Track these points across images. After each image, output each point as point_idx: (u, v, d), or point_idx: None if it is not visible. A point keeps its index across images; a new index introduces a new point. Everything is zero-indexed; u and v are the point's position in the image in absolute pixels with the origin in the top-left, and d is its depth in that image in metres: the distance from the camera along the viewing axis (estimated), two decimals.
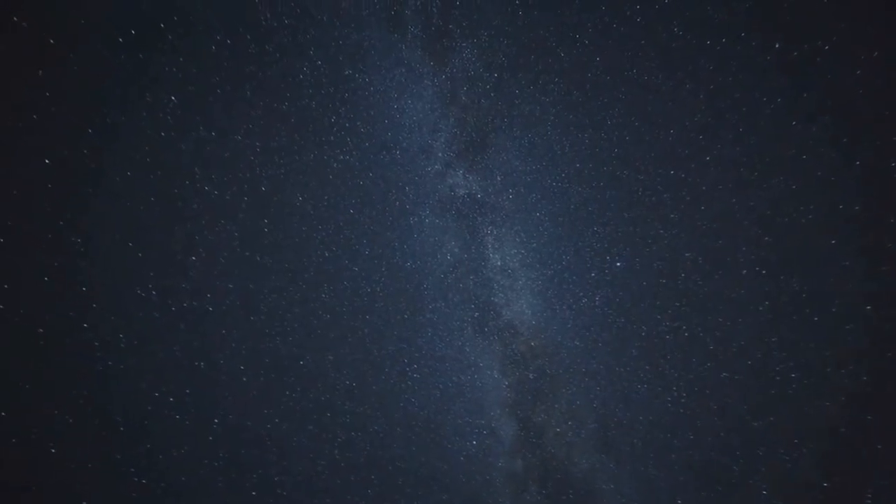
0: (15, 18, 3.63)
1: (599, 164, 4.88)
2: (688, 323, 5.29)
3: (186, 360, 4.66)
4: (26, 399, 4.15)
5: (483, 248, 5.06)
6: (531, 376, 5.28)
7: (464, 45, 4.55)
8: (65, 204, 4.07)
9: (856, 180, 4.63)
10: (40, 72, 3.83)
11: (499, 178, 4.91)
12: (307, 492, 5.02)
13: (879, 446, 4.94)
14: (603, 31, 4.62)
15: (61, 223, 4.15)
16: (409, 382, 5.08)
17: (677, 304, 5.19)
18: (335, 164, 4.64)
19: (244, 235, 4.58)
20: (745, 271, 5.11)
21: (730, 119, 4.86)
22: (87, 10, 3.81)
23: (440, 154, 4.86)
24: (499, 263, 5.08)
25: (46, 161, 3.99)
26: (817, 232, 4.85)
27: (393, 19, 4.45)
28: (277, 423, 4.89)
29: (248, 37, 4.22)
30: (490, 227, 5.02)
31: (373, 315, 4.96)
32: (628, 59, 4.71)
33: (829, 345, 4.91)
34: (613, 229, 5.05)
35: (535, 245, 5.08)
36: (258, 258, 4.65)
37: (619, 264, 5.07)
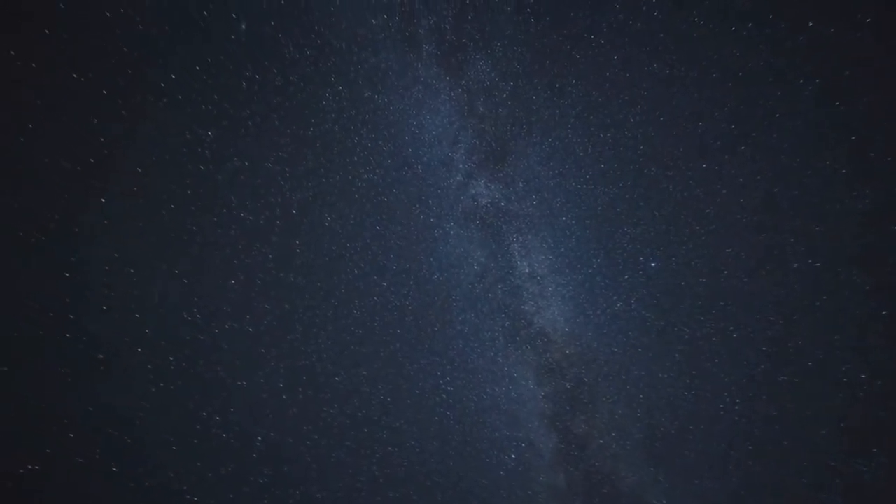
0: (74, 75, 4.05)
1: (625, 164, 4.75)
2: (735, 323, 4.96)
3: (230, 380, 4.86)
4: (87, 421, 4.45)
5: (510, 256, 5.01)
6: (568, 385, 5.11)
7: (478, 57, 4.62)
8: (122, 239, 4.41)
9: None
10: (95, 120, 4.22)
11: (521, 185, 4.88)
12: None
13: None
14: (619, 30, 4.56)
15: (116, 255, 4.49)
16: (443, 395, 5.05)
17: (721, 303, 4.90)
18: (360, 184, 4.79)
19: (278, 257, 4.78)
20: (796, 265, 4.76)
21: (764, 105, 4.62)
22: (134, 61, 4.17)
23: (461, 165, 4.91)
24: (527, 271, 5.01)
25: (102, 200, 4.35)
26: (878, 217, 4.46)
27: (408, 40, 4.60)
28: (317, 440, 4.97)
29: (275, 70, 4.48)
30: (516, 235, 4.98)
31: (403, 329, 5.00)
32: (647, 54, 4.60)
33: None
34: (645, 229, 4.86)
35: (563, 250, 4.97)
36: (292, 278, 4.82)
37: (653, 265, 4.87)
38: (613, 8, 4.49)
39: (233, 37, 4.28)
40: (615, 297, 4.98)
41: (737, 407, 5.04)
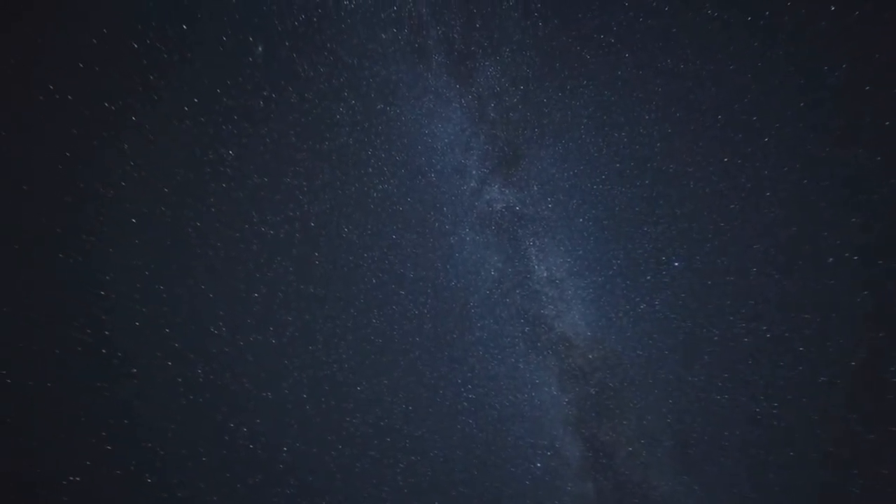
0: (105, 104, 4.31)
1: (642, 162, 4.65)
2: (768, 323, 4.74)
3: (255, 391, 4.97)
4: (123, 434, 4.63)
5: (527, 261, 4.96)
6: (592, 391, 4.98)
7: (487, 63, 4.65)
8: (153, 257, 4.61)
9: None
10: (125, 145, 4.45)
11: (536, 189, 4.85)
12: None
13: None
14: (629, 27, 4.51)
15: (147, 273, 4.69)
16: (465, 403, 5.01)
17: (752, 302, 4.69)
18: (375, 194, 4.86)
19: (298, 269, 4.89)
20: (830, 259, 4.53)
21: (787, 95, 4.45)
22: (160, 87, 4.40)
23: (474, 172, 4.92)
24: (545, 275, 4.94)
25: (133, 220, 4.57)
26: None
27: (417, 51, 4.68)
28: (341, 450, 5.01)
29: (290, 88, 4.63)
30: (532, 239, 4.93)
31: (422, 337, 5.01)
32: (660, 49, 4.53)
33: None
34: (666, 228, 4.73)
35: (581, 252, 4.89)
36: (312, 290, 4.92)
37: (676, 264, 4.72)
38: (622, 6, 4.45)
39: (250, 59, 4.46)
40: (637, 299, 4.84)
41: (775, 411, 4.79)
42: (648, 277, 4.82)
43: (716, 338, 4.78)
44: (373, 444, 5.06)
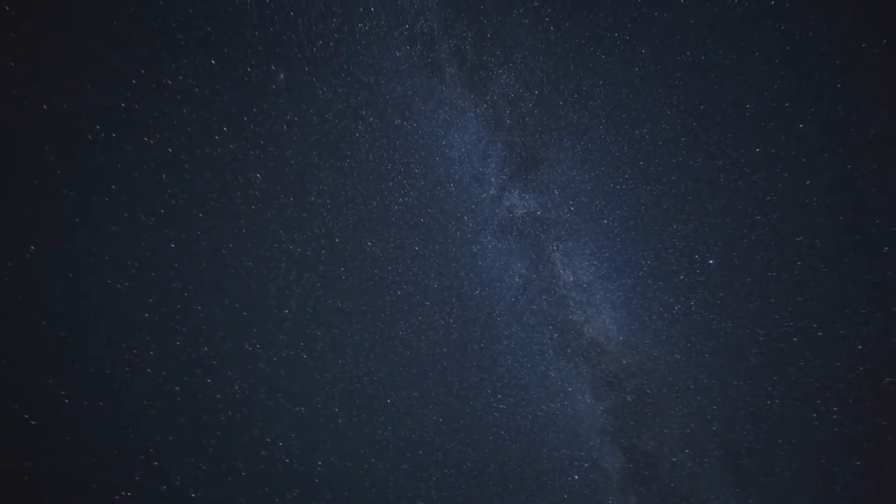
0: (145, 138, 4.64)
1: (666, 158, 4.49)
2: (820, 320, 4.41)
3: (289, 406, 5.08)
4: (169, 452, 4.83)
5: (552, 266, 4.86)
6: (629, 398, 4.76)
7: (500, 72, 4.67)
8: (192, 280, 4.86)
9: None
10: (163, 176, 4.76)
11: (557, 192, 4.77)
12: None
13: None
14: (643, 23, 4.42)
15: (185, 294, 4.94)
16: (496, 414, 4.91)
17: (799, 298, 4.38)
18: (396, 207, 4.94)
19: (326, 284, 5.01)
20: (886, 248, 4.18)
21: (822, 76, 4.21)
22: (194, 120, 4.69)
23: (493, 179, 4.92)
24: (571, 279, 4.82)
25: (172, 245, 4.85)
26: None
27: (430, 66, 4.77)
28: (374, 463, 5.01)
29: (311, 111, 4.83)
30: (556, 243, 4.84)
31: (450, 347, 4.98)
32: (678, 42, 4.41)
33: None
34: (697, 224, 4.52)
35: (607, 254, 4.75)
36: (339, 304, 5.02)
37: (710, 262, 4.49)
38: (635, 2, 4.38)
39: (273, 86, 4.70)
40: (672, 301, 4.63)
41: (835, 416, 4.40)
42: (682, 277, 4.60)
43: (761, 339, 4.48)
44: (405, 458, 5.03)
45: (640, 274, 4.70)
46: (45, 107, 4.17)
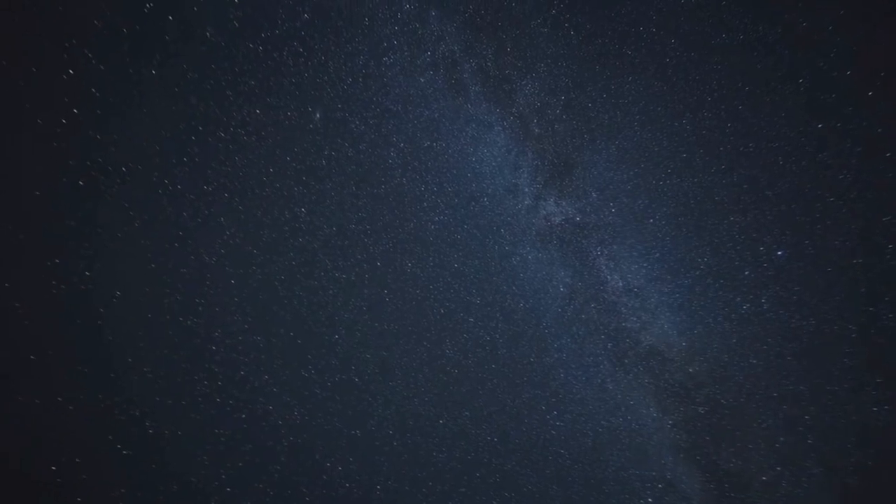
0: (204, 187, 5.15)
1: (712, 147, 4.19)
2: None
3: (346, 430, 5.18)
4: (238, 475, 5.09)
5: (597, 272, 4.64)
6: (701, 410, 4.32)
7: (523, 82, 4.67)
8: (252, 314, 5.21)
9: None
10: (222, 219, 5.22)
11: (594, 195, 4.60)
12: None
13: None
14: (670, 12, 4.25)
15: (246, 326, 5.29)
16: (553, 432, 4.66)
17: None
18: (433, 226, 5.01)
19: (371, 307, 5.14)
20: None
21: (881, 43, 3.77)
22: (243, 164, 5.14)
23: (527, 189, 4.85)
24: (620, 284, 4.55)
25: (232, 281, 5.24)
26: None
27: (454, 87, 4.89)
28: (431, 486, 4.93)
29: (346, 144, 5.10)
30: (599, 248, 4.62)
31: (498, 364, 4.86)
32: (712, 26, 4.17)
33: None
34: (758, 214, 4.13)
35: (657, 255, 4.44)
36: (385, 326, 5.11)
37: (779, 253, 4.04)
38: None
39: (311, 126, 5.05)
40: (738, 299, 4.20)
41: None
42: (747, 273, 4.19)
43: (853, 335, 3.92)
44: (462, 481, 4.90)
45: (698, 273, 4.34)
46: (111, 168, 4.76)
